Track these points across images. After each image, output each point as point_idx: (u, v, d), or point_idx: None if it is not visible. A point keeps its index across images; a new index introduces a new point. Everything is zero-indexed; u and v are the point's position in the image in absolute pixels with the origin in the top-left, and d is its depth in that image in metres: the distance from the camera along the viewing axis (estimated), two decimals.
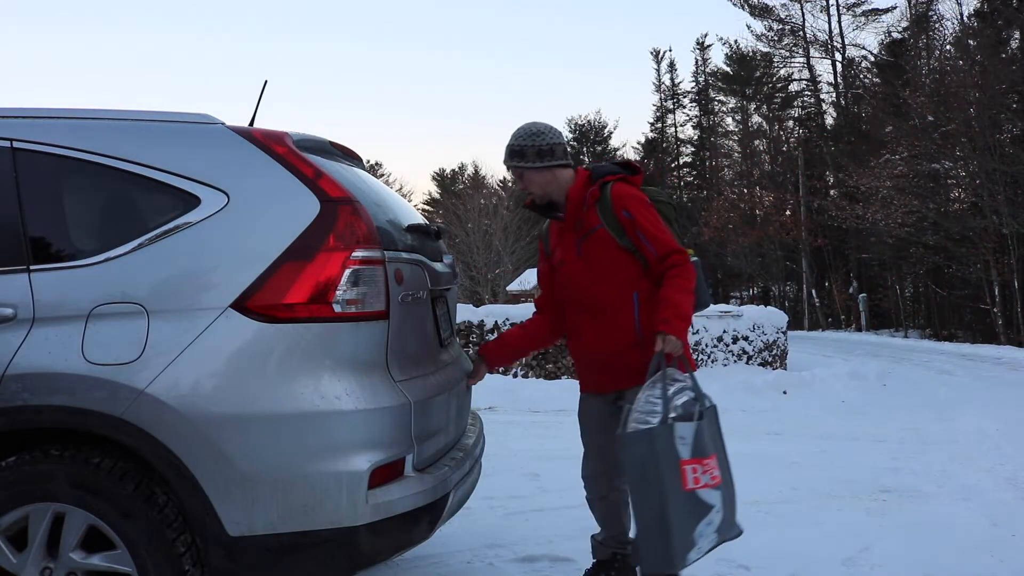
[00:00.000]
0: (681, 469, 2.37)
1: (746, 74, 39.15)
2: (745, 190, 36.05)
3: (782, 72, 38.14)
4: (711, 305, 3.01)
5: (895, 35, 31.63)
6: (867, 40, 44.57)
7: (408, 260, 2.46)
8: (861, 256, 28.56)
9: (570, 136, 45.37)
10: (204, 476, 2.05)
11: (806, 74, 37.05)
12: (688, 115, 44.90)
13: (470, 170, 53.26)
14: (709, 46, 42.88)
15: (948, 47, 25.77)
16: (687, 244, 2.90)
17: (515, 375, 9.86)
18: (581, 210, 2.78)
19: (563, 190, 2.82)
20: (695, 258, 2.81)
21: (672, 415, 2.44)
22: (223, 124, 2.32)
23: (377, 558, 2.22)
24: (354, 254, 2.17)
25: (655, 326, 2.57)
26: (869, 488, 4.64)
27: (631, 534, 2.87)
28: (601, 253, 2.74)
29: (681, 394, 2.49)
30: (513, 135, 2.85)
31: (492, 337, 9.98)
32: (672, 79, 44.77)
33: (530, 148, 2.79)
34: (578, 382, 2.98)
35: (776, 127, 37.28)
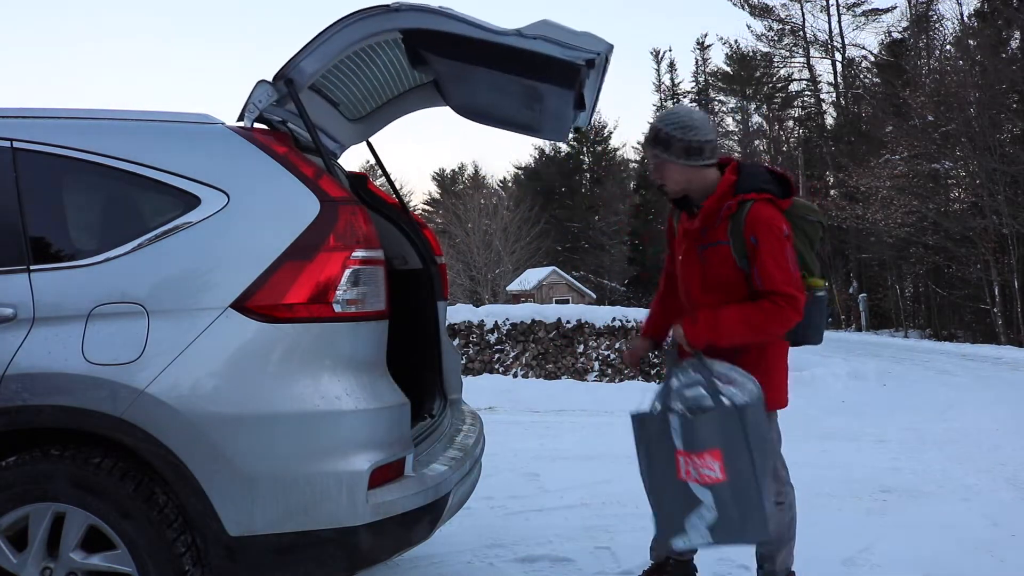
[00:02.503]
0: (676, 458, 2.43)
1: (746, 74, 39.17)
2: None
3: (782, 72, 38.20)
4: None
5: (895, 35, 31.67)
6: (867, 40, 44.66)
7: None
8: (861, 256, 28.57)
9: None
10: (204, 476, 2.05)
11: (806, 74, 37.09)
12: None
13: (470, 170, 53.32)
14: (709, 46, 42.98)
15: (948, 47, 25.82)
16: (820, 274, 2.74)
17: (515, 375, 9.87)
18: (713, 220, 2.58)
19: (703, 191, 2.61)
20: (822, 293, 2.67)
21: (676, 405, 2.46)
22: (223, 124, 2.32)
23: (377, 558, 2.22)
24: (354, 254, 2.17)
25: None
26: (869, 488, 4.64)
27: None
28: (719, 267, 2.58)
29: (692, 388, 2.48)
30: (661, 118, 2.62)
31: (492, 337, 9.98)
32: (672, 79, 44.83)
33: (678, 142, 2.55)
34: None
35: (776, 127, 37.29)
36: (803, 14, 35.61)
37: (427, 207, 52.80)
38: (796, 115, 38.36)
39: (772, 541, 2.71)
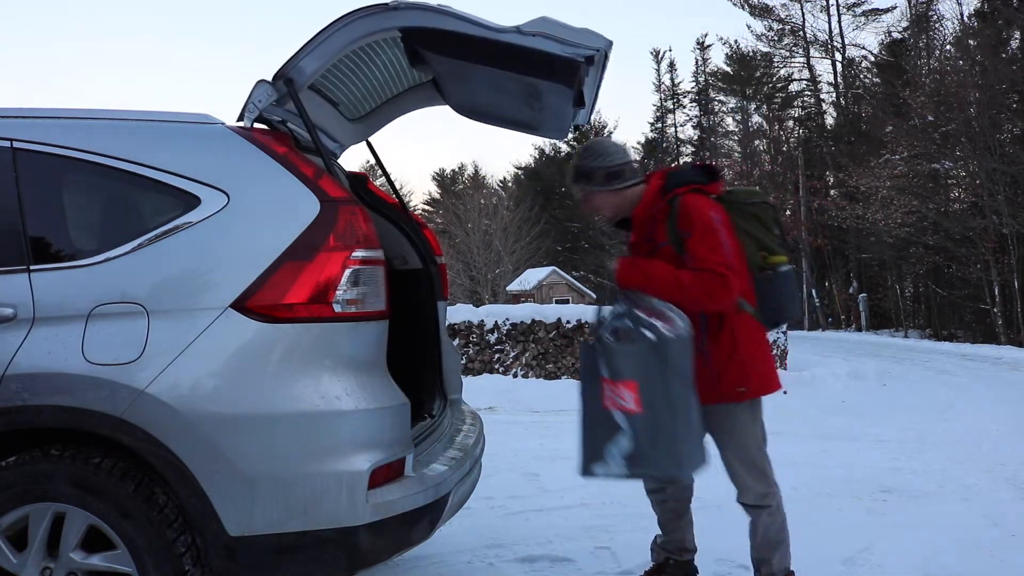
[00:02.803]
0: (601, 385, 2.47)
1: (746, 74, 39.17)
2: None
3: (782, 72, 38.21)
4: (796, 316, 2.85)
5: (895, 35, 31.67)
6: (867, 40, 44.66)
7: None
8: (861, 256, 28.57)
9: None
10: (204, 476, 2.05)
11: (806, 74, 37.10)
12: (688, 115, 44.97)
13: (470, 170, 53.31)
14: (709, 46, 42.95)
15: (948, 47, 25.81)
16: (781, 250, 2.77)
17: (515, 375, 9.87)
18: (649, 226, 2.66)
19: (635, 206, 2.72)
20: (785, 268, 2.69)
21: (605, 334, 2.52)
22: (223, 124, 2.32)
23: (377, 558, 2.22)
24: (354, 254, 2.17)
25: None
26: (869, 488, 4.64)
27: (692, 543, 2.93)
28: None
29: (621, 319, 2.51)
30: (577, 155, 2.77)
31: (492, 337, 9.98)
32: (672, 79, 44.82)
33: (598, 170, 2.69)
34: None
35: (776, 127, 37.28)
36: (803, 14, 35.65)
37: (427, 207, 52.81)
38: (796, 115, 38.36)
39: (758, 547, 2.73)
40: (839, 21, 34.81)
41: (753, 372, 2.61)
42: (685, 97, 44.68)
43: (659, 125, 45.06)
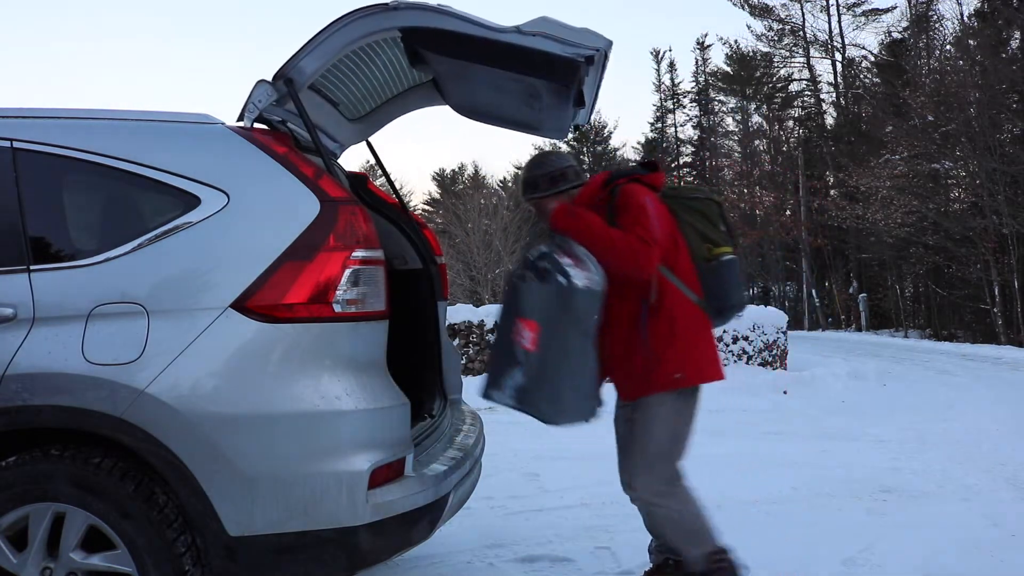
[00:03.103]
0: (514, 319, 2.52)
1: (746, 74, 39.12)
2: (745, 190, 36.02)
3: (782, 72, 38.14)
4: (744, 306, 2.90)
5: (895, 35, 31.62)
6: (867, 40, 44.54)
7: None
8: (861, 256, 28.55)
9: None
10: (204, 476, 2.05)
11: (806, 74, 37.05)
12: (688, 115, 44.90)
13: (470, 170, 53.24)
14: (709, 46, 42.86)
15: (948, 47, 25.79)
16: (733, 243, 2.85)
17: None
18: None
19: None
20: (728, 257, 2.76)
21: (526, 271, 2.56)
22: (223, 124, 2.32)
23: (377, 558, 2.22)
24: (354, 254, 2.17)
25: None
26: (869, 488, 4.64)
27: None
28: None
29: (543, 260, 2.54)
30: (523, 169, 2.86)
31: (492, 337, 9.97)
32: (672, 79, 44.77)
33: (542, 177, 2.78)
34: None
35: (776, 127, 37.25)
36: (803, 14, 35.59)
37: (427, 207, 52.78)
38: (796, 115, 38.31)
39: (671, 539, 2.75)
40: (839, 21, 34.79)
41: (690, 359, 2.64)
42: (685, 97, 44.66)
43: (659, 125, 45.03)
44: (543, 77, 2.44)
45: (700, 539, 2.71)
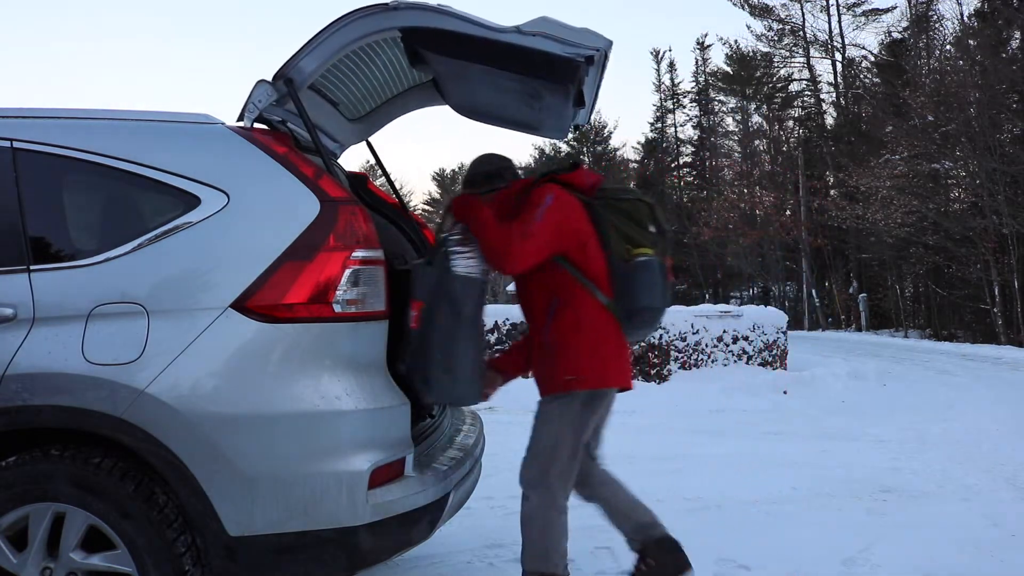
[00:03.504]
0: (410, 301, 2.53)
1: (746, 74, 39.10)
2: (745, 190, 36.01)
3: (782, 72, 38.12)
4: (660, 310, 2.80)
5: (895, 35, 31.61)
6: (867, 40, 44.54)
7: None
8: (861, 256, 28.54)
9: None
10: (204, 476, 2.05)
11: (806, 74, 37.04)
12: (688, 115, 44.85)
13: None
14: (709, 46, 42.82)
15: (948, 47, 25.78)
16: (660, 245, 2.80)
17: None
18: (509, 208, 2.72)
19: None
20: (644, 258, 2.68)
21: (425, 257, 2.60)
22: (223, 124, 2.32)
23: (377, 558, 2.22)
24: (354, 254, 2.17)
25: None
26: (869, 488, 4.64)
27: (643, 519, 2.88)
28: None
29: (443, 245, 2.57)
30: (464, 172, 2.90)
31: (492, 337, 9.97)
32: (672, 79, 44.73)
33: (479, 175, 2.82)
34: None
35: (776, 127, 37.24)
36: (803, 14, 35.58)
37: (427, 207, 52.80)
38: (796, 115, 38.29)
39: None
40: (839, 21, 34.78)
41: (586, 363, 2.62)
42: (685, 97, 44.61)
43: (659, 125, 44.99)
44: (543, 77, 2.43)
45: (538, 552, 2.65)
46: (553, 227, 2.57)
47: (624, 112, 78.78)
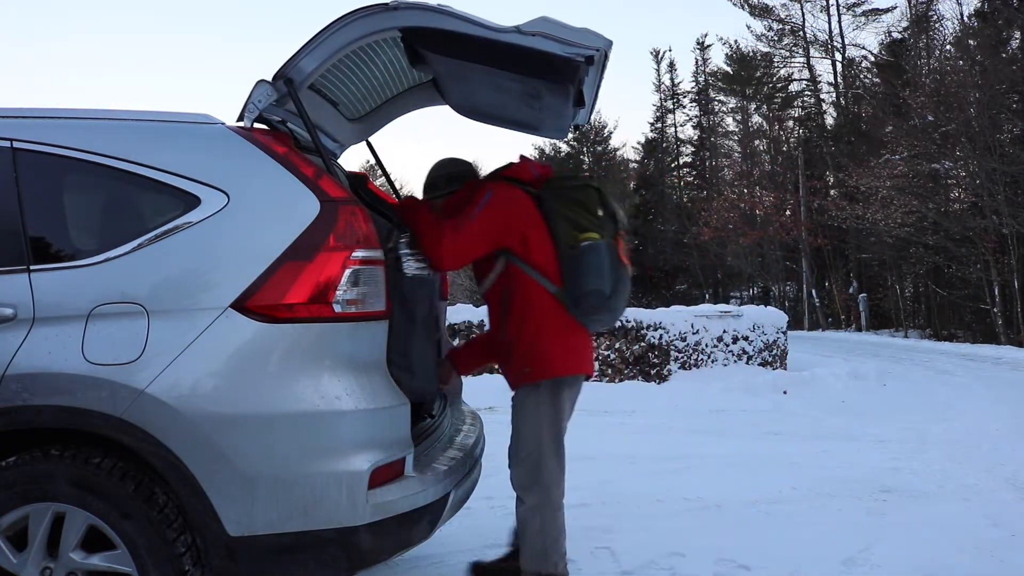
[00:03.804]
0: None
1: (746, 74, 39.11)
2: (745, 190, 36.00)
3: (782, 72, 38.13)
4: (604, 295, 2.72)
5: (895, 35, 31.61)
6: (867, 40, 44.54)
7: None
8: (861, 256, 28.54)
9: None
10: (204, 476, 2.05)
11: (806, 74, 37.04)
12: (688, 115, 44.85)
13: None
14: (709, 46, 42.82)
15: (948, 47, 25.79)
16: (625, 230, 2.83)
17: None
18: (460, 207, 2.74)
19: None
20: (587, 243, 2.64)
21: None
22: (223, 124, 2.32)
23: (377, 558, 2.22)
24: (354, 254, 2.17)
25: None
26: (869, 488, 4.64)
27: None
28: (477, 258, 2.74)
29: (398, 245, 2.56)
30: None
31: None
32: (672, 79, 44.72)
33: (440, 178, 2.88)
34: None
35: (776, 127, 37.24)
36: (803, 14, 35.59)
37: None
38: (796, 115, 38.30)
39: (520, 536, 2.76)
40: (839, 21, 34.78)
41: (539, 353, 2.63)
42: (685, 97, 44.60)
43: (659, 125, 44.98)
44: (543, 77, 2.44)
45: (539, 555, 2.68)
46: (487, 223, 2.60)
47: (624, 112, 78.76)
